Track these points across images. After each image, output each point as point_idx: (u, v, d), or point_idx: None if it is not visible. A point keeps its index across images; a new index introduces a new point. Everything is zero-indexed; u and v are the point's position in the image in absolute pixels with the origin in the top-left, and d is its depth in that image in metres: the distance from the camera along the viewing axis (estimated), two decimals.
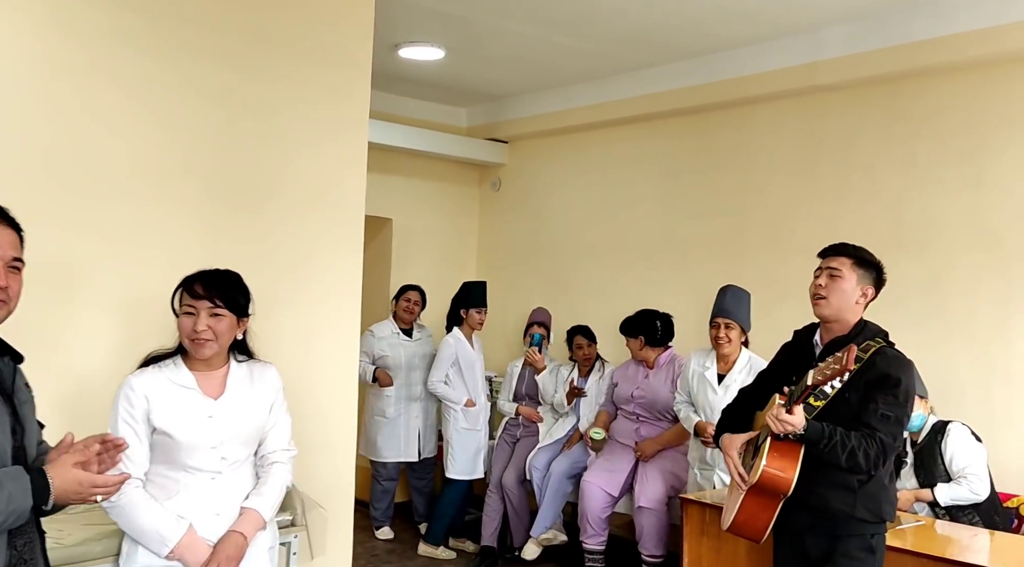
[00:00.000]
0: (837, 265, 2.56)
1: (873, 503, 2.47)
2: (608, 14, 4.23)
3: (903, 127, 4.23)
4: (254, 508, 2.33)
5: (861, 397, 2.45)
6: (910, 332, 4.02)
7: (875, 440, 2.38)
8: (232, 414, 2.31)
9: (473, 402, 5.02)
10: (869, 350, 2.49)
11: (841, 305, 2.55)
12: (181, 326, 2.26)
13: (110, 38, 2.86)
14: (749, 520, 2.51)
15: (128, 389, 2.23)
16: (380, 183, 5.31)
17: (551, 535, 4.81)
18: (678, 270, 5.14)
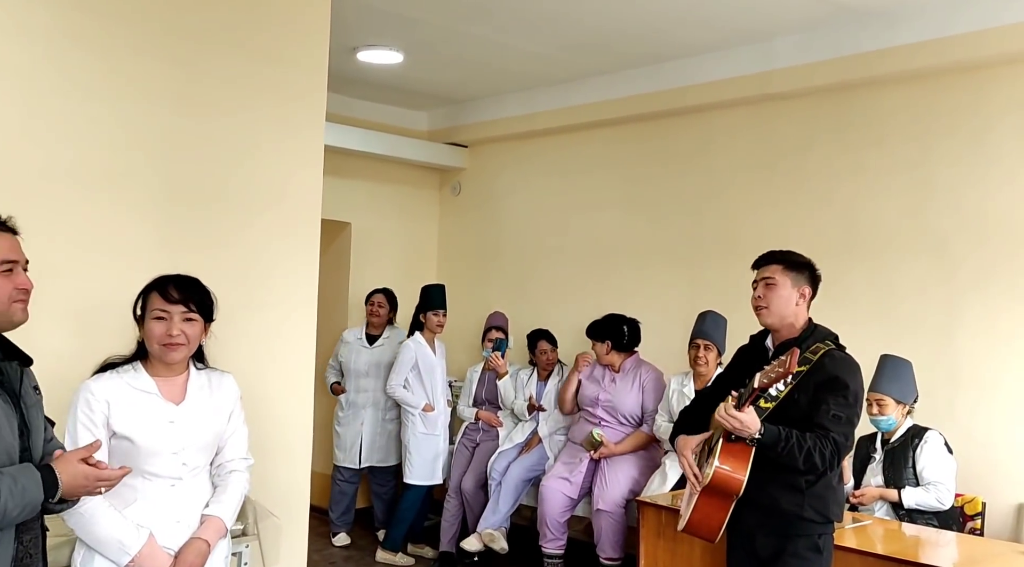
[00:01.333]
0: (770, 274, 2.64)
1: (820, 503, 2.52)
2: (566, 20, 4.26)
3: (854, 135, 4.33)
4: (216, 515, 2.31)
5: (811, 399, 2.50)
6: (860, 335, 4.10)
7: (829, 440, 2.44)
8: (193, 420, 2.29)
9: (432, 407, 5.01)
10: (818, 352, 2.54)
11: (783, 311, 2.61)
12: (151, 330, 2.24)
13: (58, 38, 2.80)
14: (703, 520, 2.55)
15: (88, 393, 2.19)
16: (339, 187, 5.28)
17: (494, 536, 4.65)
18: (637, 274, 5.19)
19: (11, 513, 1.67)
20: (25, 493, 1.68)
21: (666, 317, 4.92)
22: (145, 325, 2.26)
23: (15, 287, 1.79)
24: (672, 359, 4.71)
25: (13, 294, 1.78)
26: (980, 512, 3.64)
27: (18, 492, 1.67)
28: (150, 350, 2.27)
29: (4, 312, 1.78)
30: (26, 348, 1.90)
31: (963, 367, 3.93)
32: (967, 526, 3.62)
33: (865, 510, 3.55)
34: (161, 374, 2.29)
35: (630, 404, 4.53)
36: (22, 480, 1.68)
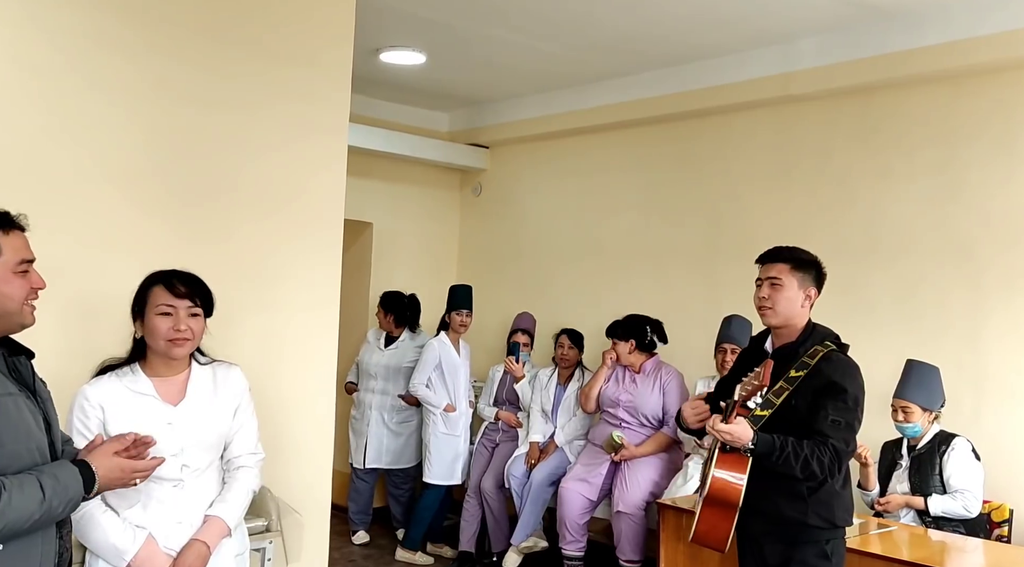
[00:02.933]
0: (776, 274, 2.56)
1: (825, 509, 2.48)
2: (587, 22, 4.26)
3: (876, 138, 4.28)
4: (218, 516, 2.27)
5: (809, 404, 2.46)
6: (882, 340, 4.09)
7: (827, 447, 2.39)
8: (193, 420, 2.26)
9: (453, 407, 5.02)
10: (816, 356, 2.49)
11: (788, 312, 2.55)
12: (156, 326, 2.21)
13: (82, 39, 2.83)
14: (710, 531, 2.52)
15: (83, 399, 2.18)
16: (361, 187, 5.31)
17: (532, 543, 4.80)
18: (656, 276, 5.18)
19: (56, 510, 1.68)
20: (67, 490, 1.70)
21: (685, 320, 4.90)
22: (148, 321, 2.22)
23: (31, 287, 1.77)
24: (691, 361, 4.70)
25: (28, 295, 1.76)
26: (1008, 519, 3.59)
27: (60, 490, 1.68)
28: (154, 347, 2.23)
29: (17, 313, 1.75)
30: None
31: (989, 373, 3.88)
32: (994, 533, 3.58)
33: (891, 517, 3.52)
34: (160, 374, 2.26)
35: (651, 405, 4.52)
36: (63, 477, 1.70)
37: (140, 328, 2.25)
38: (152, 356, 2.27)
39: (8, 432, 1.65)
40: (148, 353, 2.27)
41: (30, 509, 1.62)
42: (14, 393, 1.71)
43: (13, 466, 1.65)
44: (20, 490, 1.61)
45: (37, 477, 1.65)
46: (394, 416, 5.24)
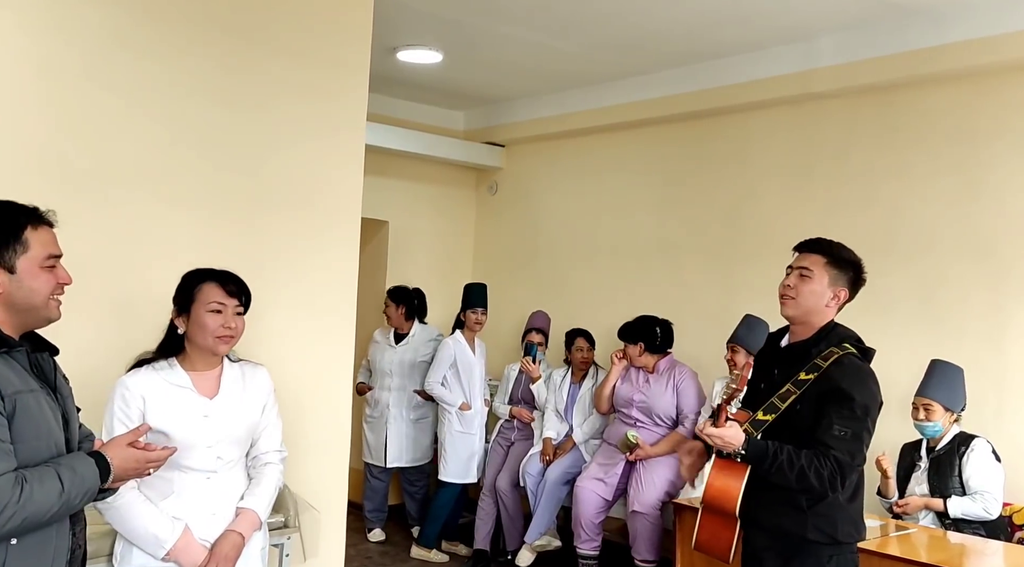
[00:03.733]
0: (809, 264, 2.37)
1: (827, 524, 2.29)
2: (604, 20, 4.25)
3: (897, 136, 4.25)
4: (251, 508, 2.33)
5: (815, 411, 2.27)
6: (902, 340, 4.05)
7: (829, 458, 2.20)
8: (227, 414, 2.32)
9: (468, 406, 5.03)
10: (829, 358, 2.29)
11: (809, 306, 2.36)
12: (205, 322, 2.25)
13: (106, 39, 2.86)
14: (711, 539, 2.42)
15: (124, 389, 2.23)
16: (377, 185, 5.32)
17: (545, 541, 4.80)
18: (672, 276, 5.16)
19: (73, 501, 1.70)
20: (84, 480, 1.71)
21: (702, 320, 4.89)
22: (196, 316, 2.27)
23: (58, 282, 1.78)
24: (708, 362, 4.68)
25: (55, 290, 1.78)
26: None
27: (78, 481, 1.69)
28: (200, 342, 2.28)
29: (43, 307, 1.76)
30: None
31: (1010, 373, 3.84)
32: (1015, 536, 3.53)
33: (909, 519, 3.49)
34: (197, 369, 2.31)
35: (665, 405, 4.50)
36: (79, 468, 1.71)
37: (184, 322, 2.29)
38: (192, 351, 2.31)
39: (29, 429, 1.67)
40: (188, 347, 2.31)
41: (50, 501, 1.63)
42: (35, 389, 1.72)
43: (32, 462, 1.66)
44: (40, 483, 1.62)
45: (55, 469, 1.67)
46: (412, 413, 5.26)
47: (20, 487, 1.59)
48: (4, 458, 1.60)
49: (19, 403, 1.65)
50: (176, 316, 2.30)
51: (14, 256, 1.70)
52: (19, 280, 1.71)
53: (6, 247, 1.70)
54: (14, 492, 1.58)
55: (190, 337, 2.29)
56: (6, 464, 1.60)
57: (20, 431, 1.65)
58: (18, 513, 1.58)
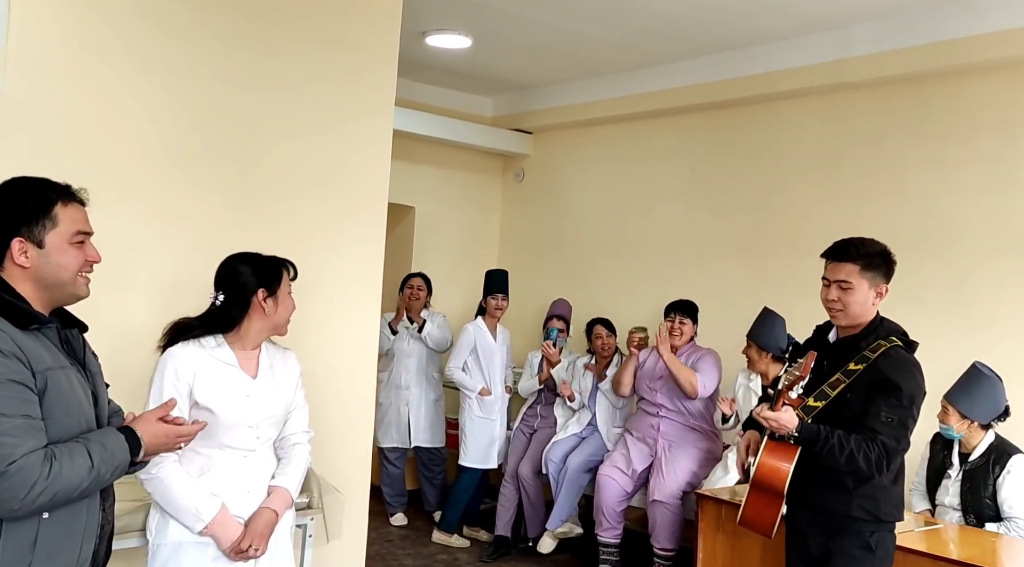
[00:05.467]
0: (845, 276, 2.47)
1: (870, 503, 2.45)
2: (635, 6, 4.21)
3: (931, 127, 4.17)
4: (283, 486, 2.38)
5: (863, 399, 2.42)
6: (933, 336, 3.97)
7: (876, 443, 2.35)
8: (267, 394, 2.36)
9: (489, 391, 5.04)
10: (877, 350, 2.44)
11: (859, 311, 2.49)
12: (287, 304, 2.38)
13: (141, 19, 2.88)
14: (756, 516, 2.55)
15: (175, 361, 2.25)
16: (404, 171, 5.33)
17: (567, 528, 4.82)
18: (699, 266, 5.12)
19: (103, 476, 1.71)
20: (114, 456, 1.72)
21: (728, 311, 4.84)
22: (280, 298, 2.36)
23: (86, 259, 1.78)
24: (733, 354, 4.62)
25: (83, 266, 1.78)
26: None
27: (108, 456, 1.70)
28: (278, 322, 2.37)
29: (71, 283, 1.76)
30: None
31: None
32: None
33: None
34: (246, 348, 2.36)
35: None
36: (109, 444, 1.72)
37: (272, 305, 2.34)
38: (252, 330, 2.36)
39: (59, 405, 1.68)
40: (248, 326, 2.35)
41: (80, 477, 1.65)
42: (66, 366, 1.74)
43: (63, 438, 1.68)
44: (70, 459, 1.64)
45: (85, 445, 1.68)
46: (432, 392, 5.33)
47: (50, 463, 1.60)
48: (35, 434, 1.61)
49: (50, 380, 1.67)
50: (265, 298, 2.33)
51: (43, 231, 1.72)
52: (47, 255, 1.72)
53: (36, 222, 1.71)
54: (44, 468, 1.59)
55: (270, 317, 2.34)
56: (36, 440, 1.61)
57: (51, 408, 1.66)
58: (48, 489, 1.60)
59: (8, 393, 1.59)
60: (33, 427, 1.62)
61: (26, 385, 1.62)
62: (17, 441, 1.58)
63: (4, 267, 1.71)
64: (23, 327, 1.66)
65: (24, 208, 1.71)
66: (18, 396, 1.60)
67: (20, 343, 1.63)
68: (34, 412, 1.63)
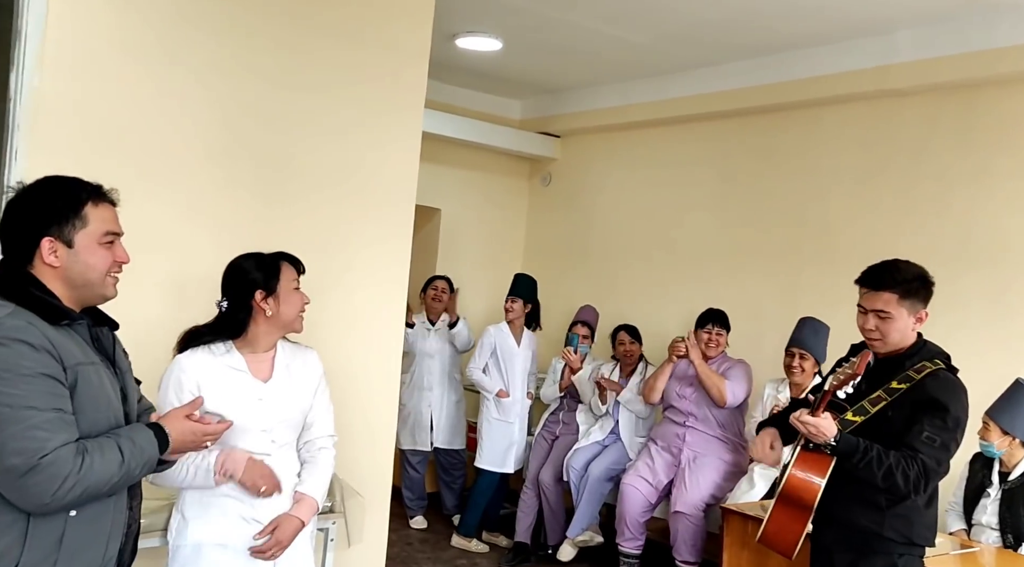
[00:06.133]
0: (883, 306, 2.37)
1: (904, 524, 2.37)
2: (669, 9, 4.14)
3: (977, 137, 4.06)
4: (310, 495, 2.34)
5: (906, 418, 2.34)
6: (974, 354, 3.86)
7: (916, 461, 2.27)
8: (281, 397, 2.32)
9: (506, 393, 5.00)
10: (922, 371, 2.37)
11: (899, 338, 2.42)
12: (293, 301, 2.29)
13: (174, 16, 2.88)
14: (779, 532, 2.46)
15: (179, 370, 2.23)
16: (431, 172, 5.29)
17: (587, 536, 4.76)
18: (730, 276, 5.03)
19: (133, 472, 1.71)
20: (143, 452, 1.72)
21: (759, 322, 4.76)
22: (282, 294, 2.28)
23: (115, 260, 1.78)
24: (765, 365, 4.54)
25: (112, 267, 1.78)
26: None
27: (137, 452, 1.70)
28: (286, 320, 2.29)
29: (99, 283, 1.76)
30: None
31: None
32: None
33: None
34: (256, 351, 2.31)
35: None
36: (139, 440, 1.72)
37: (275, 304, 2.27)
38: (261, 332, 2.30)
39: (89, 400, 1.68)
40: (255, 329, 2.29)
41: (110, 471, 1.65)
42: (95, 362, 1.74)
43: (92, 433, 1.67)
44: (101, 453, 1.64)
45: (116, 440, 1.68)
46: (454, 394, 5.30)
47: (82, 457, 1.60)
48: (66, 429, 1.61)
49: (80, 375, 1.67)
50: (264, 299, 2.27)
51: (73, 231, 1.72)
52: (76, 255, 1.72)
53: (66, 222, 1.71)
54: (75, 462, 1.59)
55: (273, 318, 2.28)
56: (68, 434, 1.61)
57: (81, 403, 1.66)
58: (79, 483, 1.59)
59: (39, 387, 1.59)
60: (64, 421, 1.62)
61: (57, 379, 1.62)
62: (49, 435, 1.58)
63: (34, 265, 1.71)
64: (54, 323, 1.66)
65: (54, 207, 1.72)
66: (49, 390, 1.60)
67: (51, 338, 1.63)
68: (65, 406, 1.63)
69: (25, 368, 1.57)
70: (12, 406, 1.56)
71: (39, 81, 2.59)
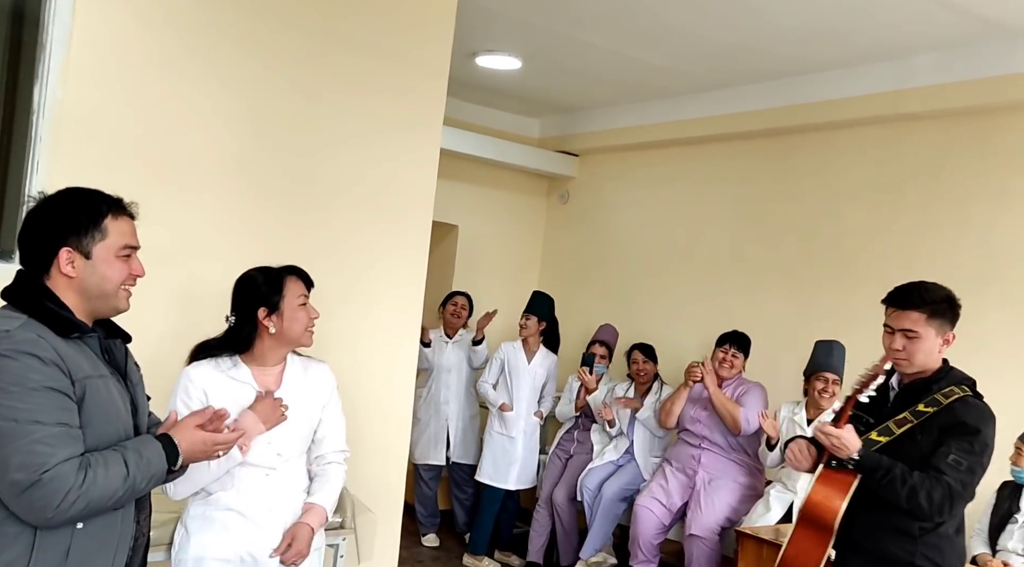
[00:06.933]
0: (910, 326, 2.34)
1: (936, 553, 2.31)
2: (688, 32, 4.16)
3: (993, 161, 4.03)
4: (320, 504, 2.33)
5: (934, 441, 2.30)
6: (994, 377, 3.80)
7: (941, 483, 2.23)
8: (288, 411, 2.30)
9: (509, 407, 4.98)
10: (951, 396, 2.32)
11: (926, 360, 2.38)
12: (298, 316, 2.26)
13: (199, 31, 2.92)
14: (799, 556, 2.40)
15: (187, 381, 2.24)
16: (449, 189, 5.33)
17: (600, 558, 4.71)
18: (745, 295, 5.01)
19: (139, 485, 1.69)
20: (150, 465, 1.70)
21: (774, 342, 4.72)
22: (288, 312, 2.25)
23: (131, 273, 1.77)
24: (779, 385, 4.51)
25: (127, 280, 1.77)
26: None
27: (144, 465, 1.68)
28: (291, 336, 2.26)
29: (112, 296, 1.75)
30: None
31: None
32: None
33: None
34: (264, 365, 2.30)
35: None
36: (146, 452, 1.70)
37: (278, 321, 2.25)
38: (267, 347, 2.29)
39: (98, 413, 1.67)
40: (262, 344, 2.29)
41: (114, 486, 1.63)
42: (105, 375, 1.73)
43: (101, 447, 1.66)
44: (105, 467, 1.62)
45: (121, 453, 1.66)
46: (469, 409, 5.30)
47: (84, 472, 1.59)
48: (71, 443, 1.60)
49: (89, 388, 1.66)
50: (266, 316, 2.25)
51: (92, 243, 1.72)
52: (93, 266, 1.72)
53: (85, 233, 1.72)
54: (78, 477, 1.58)
55: (277, 334, 2.26)
56: (72, 449, 1.60)
57: (89, 416, 1.65)
58: (82, 497, 1.58)
59: (46, 401, 1.59)
60: (69, 436, 1.61)
61: (65, 393, 1.62)
62: (52, 450, 1.57)
63: (50, 275, 1.71)
64: (64, 335, 1.66)
65: (74, 219, 1.72)
66: (56, 404, 1.60)
67: (60, 351, 1.63)
68: (72, 420, 1.62)
69: (33, 381, 1.57)
70: (18, 421, 1.55)
71: (63, 93, 2.63)
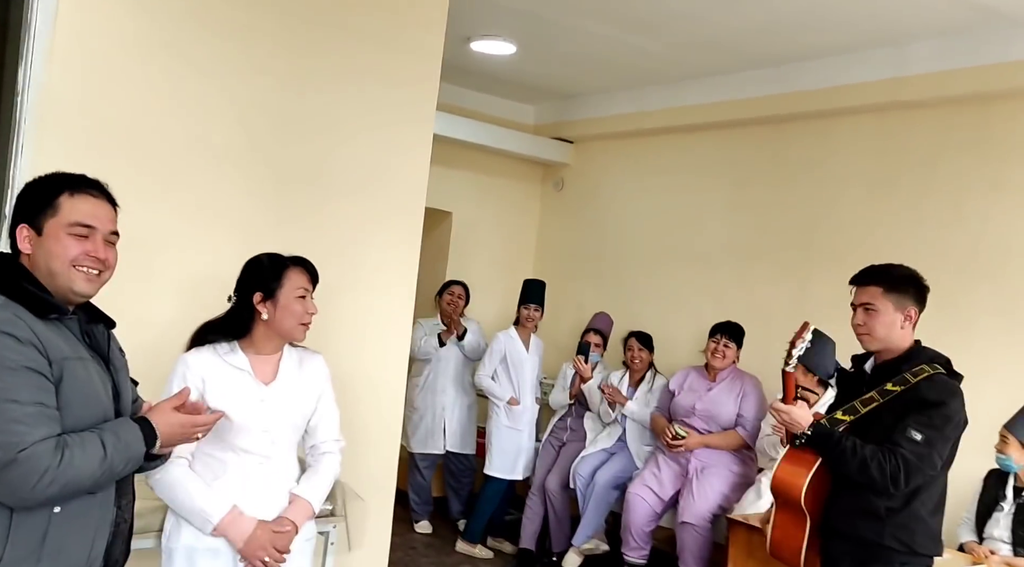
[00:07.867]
0: (868, 299, 2.43)
1: (905, 533, 2.37)
2: (686, 17, 4.13)
3: (990, 149, 4.02)
4: (306, 498, 2.33)
5: (897, 418, 2.36)
6: (985, 365, 3.83)
7: (895, 455, 2.28)
8: (283, 400, 2.31)
9: (517, 401, 4.98)
10: (919, 374, 2.37)
11: (887, 335, 2.43)
12: (293, 308, 2.25)
13: (186, 18, 2.88)
14: (784, 539, 2.50)
15: (184, 366, 2.24)
16: (442, 176, 5.30)
17: (593, 545, 4.73)
18: (740, 284, 5.00)
19: (116, 467, 1.67)
20: (128, 447, 1.68)
21: (769, 331, 4.70)
22: (283, 302, 2.25)
23: (83, 252, 1.70)
24: (773, 374, 4.49)
25: (78, 258, 1.70)
26: None
27: (121, 447, 1.67)
28: (284, 328, 2.26)
29: (63, 274, 1.69)
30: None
31: None
32: None
33: None
34: (260, 353, 2.30)
35: (728, 413, 4.38)
36: (123, 435, 1.69)
37: (271, 309, 2.25)
38: (262, 336, 2.29)
39: (76, 395, 1.66)
40: (258, 331, 2.29)
41: (91, 467, 1.62)
42: (84, 358, 1.71)
43: (78, 429, 1.65)
44: (82, 448, 1.61)
45: (99, 435, 1.65)
46: (466, 398, 5.27)
47: (61, 452, 1.58)
48: (47, 423, 1.59)
49: (66, 369, 1.65)
50: (260, 302, 2.25)
51: (43, 218, 1.71)
52: (41, 242, 1.70)
53: (40, 210, 1.71)
54: (55, 457, 1.57)
55: (269, 322, 2.26)
56: (48, 429, 1.59)
57: (67, 398, 1.64)
58: (58, 478, 1.57)
59: (23, 380, 1.57)
60: (46, 415, 1.60)
61: (42, 373, 1.60)
62: (28, 429, 1.56)
63: (22, 256, 1.72)
64: (42, 316, 1.65)
65: (33, 197, 1.73)
66: (33, 383, 1.59)
67: (38, 332, 1.62)
68: (49, 400, 1.61)
69: (10, 361, 1.56)
70: None
71: (47, 77, 2.60)
